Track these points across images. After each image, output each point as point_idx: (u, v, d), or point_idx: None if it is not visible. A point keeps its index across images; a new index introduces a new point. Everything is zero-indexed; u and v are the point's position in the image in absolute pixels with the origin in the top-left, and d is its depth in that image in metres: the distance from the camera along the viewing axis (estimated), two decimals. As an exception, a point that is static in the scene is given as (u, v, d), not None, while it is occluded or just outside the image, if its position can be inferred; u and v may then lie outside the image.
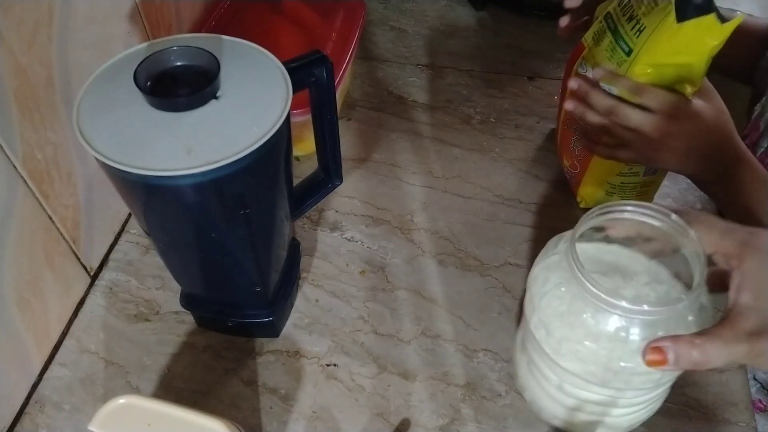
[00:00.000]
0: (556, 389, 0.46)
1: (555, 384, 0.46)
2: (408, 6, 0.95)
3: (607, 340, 0.41)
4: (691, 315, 0.40)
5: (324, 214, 0.67)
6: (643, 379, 0.41)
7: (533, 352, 0.47)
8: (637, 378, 0.41)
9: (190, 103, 0.40)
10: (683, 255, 0.42)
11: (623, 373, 0.41)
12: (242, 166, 0.40)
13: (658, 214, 0.41)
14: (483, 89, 0.81)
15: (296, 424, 0.52)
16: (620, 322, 0.40)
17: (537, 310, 0.44)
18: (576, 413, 0.47)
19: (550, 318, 0.43)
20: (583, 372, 0.42)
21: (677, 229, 0.41)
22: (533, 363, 0.47)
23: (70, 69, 0.53)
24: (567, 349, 0.42)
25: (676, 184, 0.69)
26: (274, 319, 0.56)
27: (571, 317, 0.42)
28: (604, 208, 0.42)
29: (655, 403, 0.47)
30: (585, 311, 0.41)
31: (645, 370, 0.40)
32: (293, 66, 0.46)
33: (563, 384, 0.45)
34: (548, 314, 0.43)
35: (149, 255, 0.64)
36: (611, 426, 0.47)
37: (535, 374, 0.48)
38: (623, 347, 0.40)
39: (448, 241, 0.65)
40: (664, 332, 0.39)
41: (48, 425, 0.52)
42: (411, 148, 0.74)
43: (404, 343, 0.57)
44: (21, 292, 0.52)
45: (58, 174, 0.54)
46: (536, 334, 0.45)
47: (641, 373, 0.41)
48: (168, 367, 0.56)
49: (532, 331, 0.45)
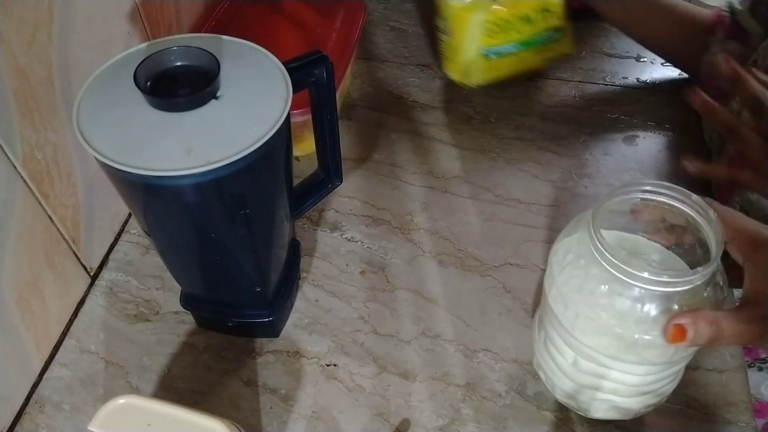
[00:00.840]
0: (571, 365, 0.47)
1: (570, 359, 0.47)
2: (408, 6, 0.95)
3: (624, 313, 0.42)
4: (707, 291, 0.41)
5: (324, 214, 0.67)
6: (657, 353, 0.42)
7: (550, 327, 0.48)
8: (651, 351, 0.42)
9: (190, 103, 0.40)
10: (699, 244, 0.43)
11: (637, 346, 0.42)
12: (242, 166, 0.40)
13: (679, 194, 0.43)
14: (483, 89, 0.81)
15: (296, 425, 0.52)
16: (638, 295, 0.41)
17: (555, 283, 0.45)
18: (589, 391, 0.47)
19: (569, 291, 0.44)
20: (598, 345, 0.43)
21: (697, 209, 0.42)
22: (549, 339, 0.48)
23: (70, 69, 0.53)
24: (583, 322, 0.43)
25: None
26: (274, 319, 0.56)
27: (588, 290, 0.43)
28: (624, 188, 0.43)
29: (667, 386, 0.47)
30: (603, 284, 0.42)
31: (660, 344, 0.41)
32: (293, 66, 0.46)
33: (578, 359, 0.46)
34: (567, 288, 0.45)
35: (149, 255, 0.64)
36: (623, 408, 0.48)
37: (550, 350, 0.49)
38: (639, 320, 0.41)
39: (448, 241, 0.65)
40: (679, 307, 0.41)
41: (48, 425, 0.52)
42: (411, 148, 0.74)
43: (404, 343, 0.57)
44: (21, 292, 0.52)
45: (58, 174, 0.54)
46: (554, 307, 0.45)
47: (656, 347, 0.41)
48: (168, 368, 0.56)
49: (550, 304, 0.46)
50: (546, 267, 0.48)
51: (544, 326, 0.49)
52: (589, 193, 0.69)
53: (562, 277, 0.45)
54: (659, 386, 0.47)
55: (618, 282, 0.41)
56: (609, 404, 0.48)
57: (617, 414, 0.49)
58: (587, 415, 0.50)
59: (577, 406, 0.50)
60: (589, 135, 0.75)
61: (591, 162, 0.72)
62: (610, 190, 0.43)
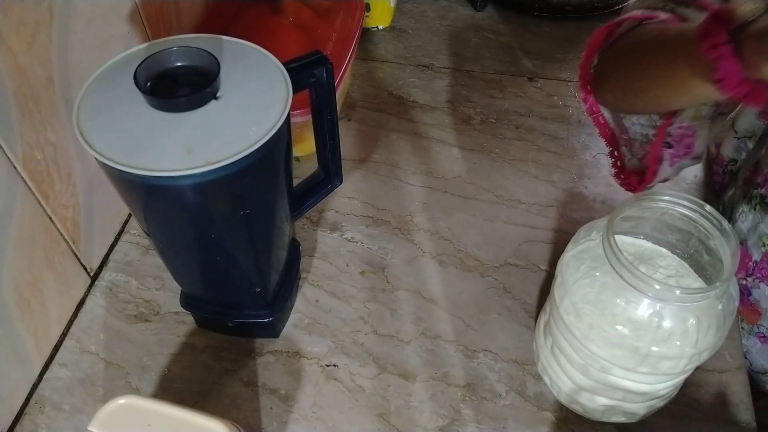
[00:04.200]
0: (580, 373, 0.47)
1: (580, 368, 0.46)
2: (408, 6, 0.95)
3: (638, 326, 0.42)
4: (721, 303, 0.41)
5: (324, 214, 0.67)
6: (671, 365, 0.42)
7: (559, 336, 0.47)
8: (665, 363, 0.42)
9: (190, 104, 0.40)
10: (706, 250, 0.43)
11: (651, 358, 0.42)
12: (242, 167, 0.40)
13: (693, 204, 0.43)
14: (483, 89, 0.81)
15: (296, 425, 0.52)
16: (652, 308, 0.41)
17: (568, 294, 0.45)
18: (597, 398, 0.47)
19: (581, 303, 0.44)
20: (611, 356, 0.43)
21: (711, 219, 0.42)
22: (558, 347, 0.48)
23: (70, 69, 0.53)
24: (597, 333, 0.43)
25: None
26: (274, 320, 0.56)
27: (602, 302, 0.43)
28: (639, 197, 0.43)
29: (673, 390, 0.48)
30: (618, 296, 0.42)
31: (673, 355, 0.41)
32: (293, 66, 0.46)
33: (588, 368, 0.46)
34: (579, 299, 0.44)
35: (149, 255, 0.64)
36: (628, 412, 0.48)
37: (558, 358, 0.49)
38: (654, 333, 0.41)
39: (448, 242, 0.65)
40: (694, 319, 0.41)
41: (48, 426, 0.52)
42: (411, 149, 0.74)
43: (404, 344, 0.57)
44: (21, 292, 0.52)
45: (58, 174, 0.54)
46: (566, 318, 0.45)
47: (670, 358, 0.42)
48: (168, 368, 0.56)
49: (561, 315, 0.46)
50: (556, 274, 0.48)
51: (552, 334, 0.49)
52: (589, 193, 0.69)
53: (575, 288, 0.45)
54: (668, 392, 0.47)
55: (634, 295, 0.41)
56: (615, 409, 0.48)
57: (623, 417, 0.49)
58: (592, 417, 0.50)
59: (582, 410, 0.50)
60: (589, 135, 0.75)
61: (591, 162, 0.72)
62: (623, 201, 0.43)
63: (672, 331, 0.41)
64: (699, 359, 0.42)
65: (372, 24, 0.89)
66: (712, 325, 0.41)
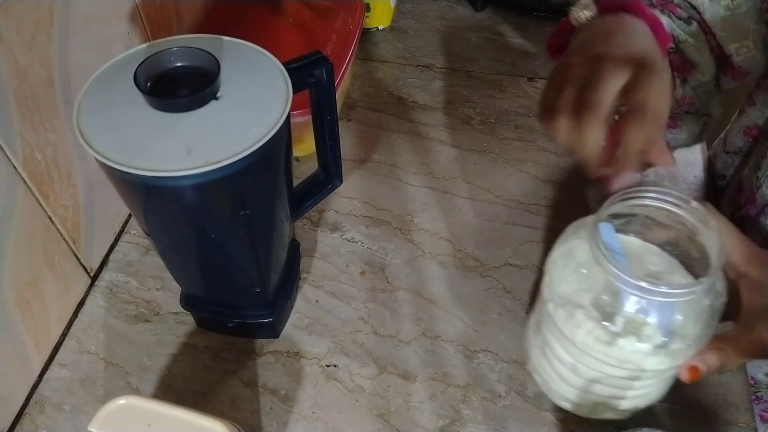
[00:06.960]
0: (569, 371, 0.47)
1: (569, 365, 0.46)
2: (408, 6, 0.95)
3: (627, 323, 0.42)
4: (707, 299, 0.41)
5: (324, 214, 0.67)
6: (657, 361, 0.42)
7: (549, 334, 0.47)
8: (652, 359, 0.42)
9: (190, 104, 0.40)
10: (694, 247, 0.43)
11: (639, 355, 0.42)
12: (242, 167, 0.40)
13: (679, 201, 0.43)
14: (483, 90, 0.81)
15: (296, 425, 0.52)
16: (639, 304, 0.41)
17: (556, 292, 0.45)
18: (586, 395, 0.47)
19: (570, 300, 0.44)
20: (599, 353, 0.43)
21: (697, 216, 0.42)
22: (548, 345, 0.48)
23: (70, 69, 0.53)
24: (584, 330, 0.43)
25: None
26: (274, 320, 0.56)
27: (591, 300, 0.43)
28: (625, 194, 0.43)
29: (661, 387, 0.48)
30: (605, 293, 0.42)
31: (661, 352, 0.41)
32: (293, 66, 0.46)
33: (577, 365, 0.46)
34: (568, 296, 0.44)
35: (149, 256, 0.64)
36: (618, 408, 0.48)
37: (548, 356, 0.49)
38: (642, 329, 0.41)
39: (448, 242, 0.65)
40: (681, 315, 0.41)
41: (48, 426, 0.52)
42: (411, 149, 0.74)
43: (404, 344, 0.57)
44: (21, 292, 0.52)
45: (58, 174, 0.54)
46: (554, 316, 0.45)
47: (657, 355, 0.42)
48: (168, 368, 0.56)
49: (550, 313, 0.46)
50: (545, 272, 0.47)
51: (542, 332, 0.49)
52: (589, 193, 0.69)
53: (563, 285, 0.45)
54: (656, 389, 0.47)
55: (622, 292, 0.41)
56: (605, 406, 0.48)
57: (613, 414, 0.49)
58: (581, 414, 0.50)
59: (572, 408, 0.50)
60: (589, 135, 0.75)
61: (591, 162, 0.72)
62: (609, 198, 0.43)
63: (658, 326, 0.41)
64: (686, 355, 0.43)
65: (372, 24, 0.89)
66: (699, 321, 0.41)
